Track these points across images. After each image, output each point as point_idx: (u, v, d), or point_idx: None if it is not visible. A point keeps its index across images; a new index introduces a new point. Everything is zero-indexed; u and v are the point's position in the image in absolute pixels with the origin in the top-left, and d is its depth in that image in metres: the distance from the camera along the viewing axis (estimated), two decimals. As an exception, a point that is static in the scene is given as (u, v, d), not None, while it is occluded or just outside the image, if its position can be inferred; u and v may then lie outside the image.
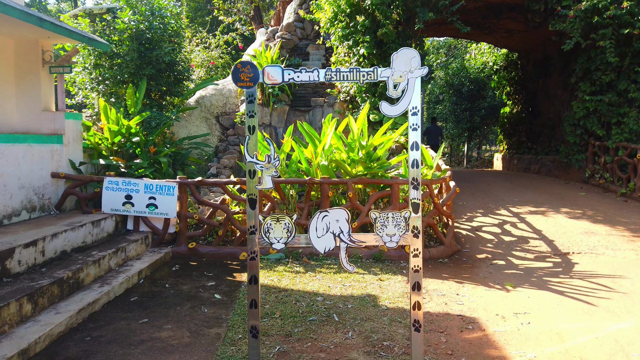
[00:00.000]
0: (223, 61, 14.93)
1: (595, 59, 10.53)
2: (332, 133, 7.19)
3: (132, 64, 8.87)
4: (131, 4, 9.15)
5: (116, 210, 6.36)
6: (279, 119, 11.73)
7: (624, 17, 9.72)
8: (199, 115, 11.18)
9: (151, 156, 7.88)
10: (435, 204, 6.79)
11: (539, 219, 8.18)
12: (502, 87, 18.14)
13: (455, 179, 13.05)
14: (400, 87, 3.50)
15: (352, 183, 6.62)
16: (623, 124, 10.20)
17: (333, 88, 11.84)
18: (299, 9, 13.12)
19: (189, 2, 22.18)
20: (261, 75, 3.42)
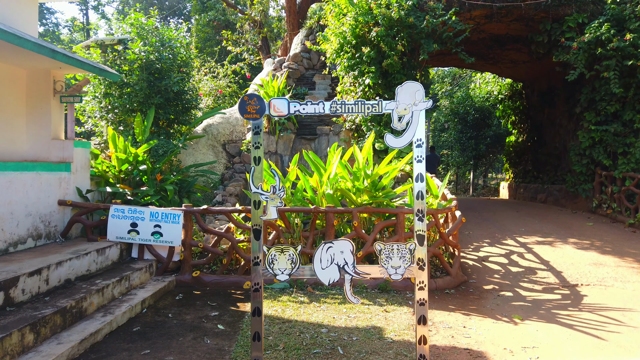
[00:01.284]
0: (230, 90, 15.18)
1: (600, 90, 10.60)
2: (338, 162, 7.23)
3: (142, 93, 9.04)
4: (142, 35, 9.39)
5: (121, 238, 6.37)
6: (285, 146, 11.81)
7: (627, 48, 9.83)
8: (205, 143, 11.29)
9: (158, 184, 7.94)
10: (441, 234, 6.75)
11: (547, 249, 8.09)
12: (507, 116, 18.22)
13: (461, 207, 13.01)
14: (404, 119, 3.54)
15: (357, 212, 6.61)
16: (629, 154, 10.17)
17: (339, 117, 11.96)
18: (305, 40, 13.38)
19: (198, 32, 22.72)
20: (267, 108, 3.47)
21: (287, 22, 16.18)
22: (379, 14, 9.98)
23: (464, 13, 11.11)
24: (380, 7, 10.04)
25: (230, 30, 19.90)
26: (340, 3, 10.75)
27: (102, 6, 33.28)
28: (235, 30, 20.52)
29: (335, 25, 10.94)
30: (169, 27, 10.62)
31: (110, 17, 33.00)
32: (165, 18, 31.00)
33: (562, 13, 11.04)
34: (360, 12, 10.29)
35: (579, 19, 10.74)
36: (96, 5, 32.95)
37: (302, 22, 15.29)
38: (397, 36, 10.10)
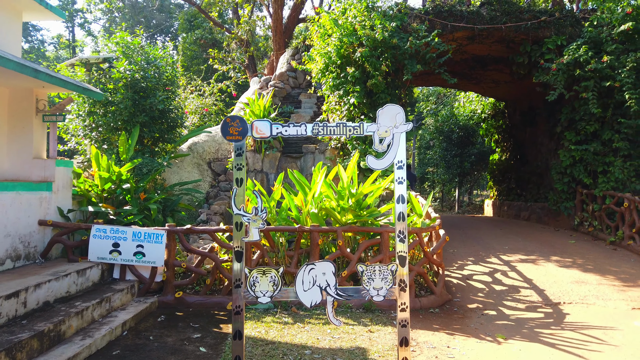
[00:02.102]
0: (217, 108, 15.20)
1: (579, 110, 10.85)
2: (322, 181, 7.25)
3: (126, 111, 9.01)
4: (127, 54, 9.40)
5: (103, 258, 6.28)
6: (271, 164, 11.82)
7: (604, 70, 10.11)
8: (190, 161, 11.26)
9: (141, 203, 7.86)
10: (426, 253, 6.78)
11: (530, 267, 8.17)
12: (491, 135, 18.51)
13: (446, 225, 13.09)
14: (385, 141, 3.59)
15: (341, 231, 6.61)
16: (609, 173, 10.38)
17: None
18: (291, 60, 13.51)
19: (185, 50, 22.80)
20: (250, 129, 3.49)
21: (273, 42, 16.34)
22: (363, 35, 10.14)
23: (446, 34, 11.36)
24: (365, 28, 10.21)
25: (217, 49, 20.01)
26: (326, 24, 10.91)
27: (89, 24, 33.26)
28: (222, 48, 20.64)
29: (321, 45, 11.08)
30: (155, 46, 10.67)
31: (97, 34, 32.99)
32: (152, 36, 31.08)
33: (541, 35, 11.35)
34: (345, 33, 10.45)
35: (557, 41, 11.04)
36: (82, 23, 32.92)
37: (288, 41, 15.46)
38: (381, 57, 10.25)
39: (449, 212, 24.48)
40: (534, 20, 11.22)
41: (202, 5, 18.69)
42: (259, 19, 19.09)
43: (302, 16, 18.15)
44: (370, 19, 10.42)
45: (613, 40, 10.43)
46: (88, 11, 26.49)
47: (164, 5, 30.64)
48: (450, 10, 11.39)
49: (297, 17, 17.72)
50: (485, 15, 11.39)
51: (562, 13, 11.47)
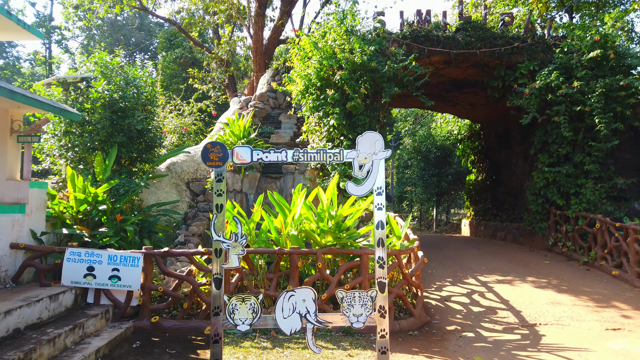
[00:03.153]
0: (196, 128, 15.14)
1: (552, 133, 11.18)
2: (302, 203, 7.26)
3: (104, 131, 8.91)
4: (106, 74, 9.33)
5: (77, 282, 6.13)
6: (250, 185, 11.79)
7: (575, 95, 10.48)
8: (169, 181, 11.14)
9: (117, 224, 7.73)
10: (404, 275, 6.82)
11: (506, 288, 8.28)
12: (467, 156, 18.87)
13: (424, 245, 13.20)
14: (365, 168, 3.65)
15: (321, 253, 6.61)
16: (581, 195, 10.67)
17: (304, 156, 12.07)
18: (271, 81, 13.61)
19: (164, 69, 22.73)
20: (230, 155, 3.51)
21: (253, 63, 16.45)
22: (342, 59, 10.30)
23: (423, 58, 11.63)
24: (344, 52, 10.38)
25: (197, 68, 20.03)
26: (306, 47, 11.05)
27: (67, 40, 32.93)
28: (202, 67, 20.67)
29: (301, 67, 11.20)
30: (135, 66, 10.61)
31: (74, 51, 32.67)
32: (132, 54, 30.94)
33: (514, 60, 11.73)
34: (324, 56, 10.60)
35: (530, 66, 11.42)
36: (60, 40, 32.58)
37: (269, 62, 15.58)
38: (360, 79, 10.42)
39: (427, 231, 24.70)
40: (507, 46, 11.59)
41: (183, 25, 18.75)
42: (239, 40, 19.23)
43: (282, 37, 18.36)
44: (349, 42, 10.61)
45: (583, 67, 10.84)
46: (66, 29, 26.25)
47: (143, 24, 30.59)
48: (427, 35, 11.69)
49: (277, 39, 17.90)
50: (460, 40, 11.72)
51: (534, 39, 11.89)
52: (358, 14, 11.46)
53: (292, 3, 17.55)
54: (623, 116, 10.44)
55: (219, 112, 15.84)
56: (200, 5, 17.25)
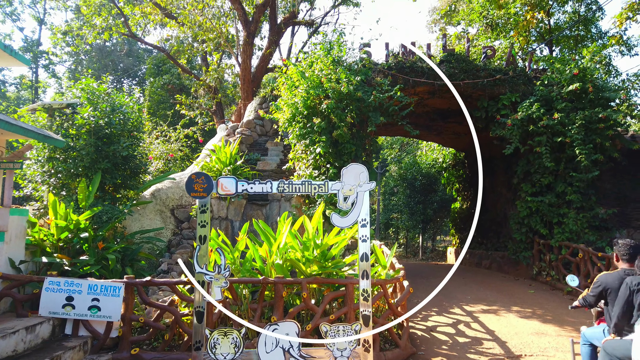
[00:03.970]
0: (182, 154, 15.11)
1: (534, 163, 11.38)
2: (288, 231, 7.22)
3: (88, 158, 8.84)
4: (92, 101, 9.32)
5: (55, 313, 5.96)
6: (236, 212, 11.72)
7: (556, 126, 10.74)
8: (153, 208, 11.03)
9: (99, 252, 7.60)
10: (390, 305, 6.76)
11: (492, 318, 8.26)
12: (452, 184, 19.06)
13: (410, 274, 13.16)
14: (350, 199, 3.66)
15: (306, 283, 6.54)
16: (563, 224, 10.81)
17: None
18: (259, 108, 13.72)
19: (152, 95, 22.79)
20: (215, 186, 3.50)
21: (241, 90, 16.60)
22: (329, 88, 10.45)
23: (408, 89, 11.86)
24: (331, 81, 10.55)
25: (184, 94, 20.11)
26: (293, 76, 11.21)
27: (54, 65, 32.91)
28: (189, 94, 20.76)
29: (288, 96, 11.33)
30: (122, 92, 10.64)
31: (62, 75, 32.62)
32: (120, 79, 31.00)
33: (497, 92, 12.01)
34: (311, 85, 10.76)
35: (512, 98, 11.71)
36: (47, 64, 32.55)
37: (256, 90, 15.74)
38: (347, 109, 10.56)
39: (413, 259, 24.67)
40: (490, 78, 11.89)
41: (171, 52, 18.91)
42: (227, 67, 19.44)
43: (270, 66, 18.60)
44: (336, 72, 10.79)
45: (563, 99, 11.14)
46: (54, 54, 26.27)
47: (132, 50, 30.78)
48: (411, 67, 11.95)
49: (265, 67, 18.13)
50: (444, 72, 11.99)
51: (516, 72, 12.22)
52: (345, 45, 11.71)
53: (280, 33, 17.86)
54: (602, 147, 10.69)
55: (206, 139, 15.85)
56: (189, 33, 17.47)
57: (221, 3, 17.48)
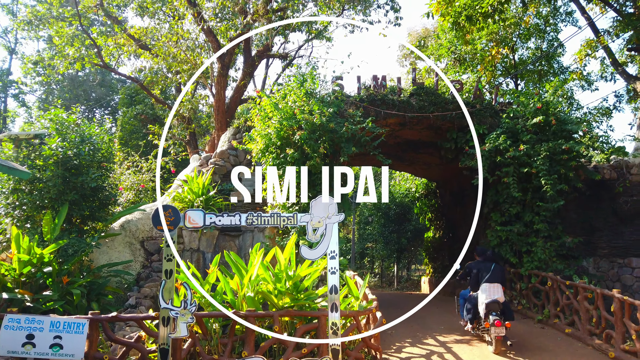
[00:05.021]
0: (154, 184, 14.91)
1: (502, 193, 11.65)
2: (260, 263, 7.15)
3: (55, 189, 8.65)
4: (61, 131, 9.19)
5: (14, 352, 5.69)
6: (208, 243, 11.55)
7: (522, 157, 11.08)
8: (122, 240, 10.76)
9: (63, 287, 7.36)
10: (363, 337, 6.72)
11: (465, 348, 8.26)
12: (424, 213, 19.30)
13: (384, 304, 13.08)
14: (319, 231, 3.68)
15: (278, 316, 6.46)
16: (532, 253, 11.02)
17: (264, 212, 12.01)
18: (232, 139, 13.73)
19: (124, 125, 22.58)
20: (182, 219, 3.48)
21: (215, 121, 16.64)
22: (302, 119, 10.58)
23: (380, 120, 12.10)
24: (304, 113, 10.68)
25: (157, 124, 19.99)
26: (266, 107, 11.31)
27: (24, 94, 32.37)
28: (163, 124, 20.65)
29: (261, 127, 11.39)
30: (94, 122, 10.54)
31: (32, 105, 32.05)
32: (91, 109, 30.63)
33: (465, 124, 12.36)
34: (285, 116, 10.87)
35: (479, 130, 12.06)
36: (17, 94, 32.00)
37: (230, 121, 15.79)
38: (320, 139, 10.68)
39: (388, 288, 24.63)
40: (458, 111, 12.26)
41: (145, 82, 18.89)
42: (201, 98, 19.50)
43: (244, 97, 18.75)
44: (309, 104, 10.95)
45: (528, 131, 11.53)
46: (24, 83, 25.89)
47: (105, 80, 30.57)
48: (382, 99, 12.24)
49: (239, 98, 18.27)
50: (414, 104, 12.32)
51: (483, 105, 12.64)
52: (317, 78, 11.94)
53: (254, 65, 18.11)
54: (567, 178, 11.05)
55: (179, 169, 15.71)
56: (163, 64, 17.53)
57: (196, 35, 17.68)
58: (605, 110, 20.92)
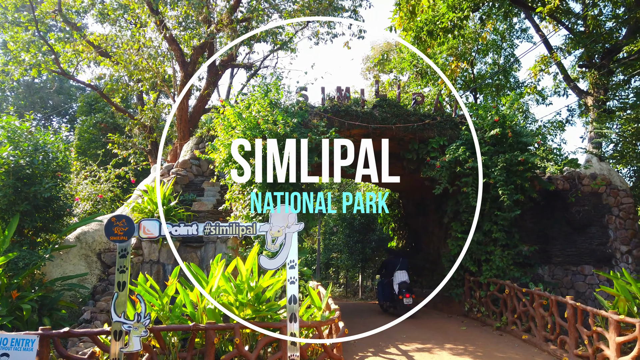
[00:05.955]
0: (112, 195, 14.48)
1: (462, 202, 11.94)
2: (221, 274, 7.04)
3: (5, 199, 8.27)
4: (13, 139, 8.82)
5: (-45, 372, 5.37)
6: (169, 255, 11.28)
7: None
8: (78, 252, 10.38)
9: (13, 302, 7.02)
10: (325, 348, 6.69)
11: (426, 356, 8.36)
12: (388, 223, 19.54)
13: (348, 314, 13.10)
14: (278, 241, 3.67)
15: (239, 328, 6.36)
16: (491, 261, 11.31)
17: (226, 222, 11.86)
18: (195, 149, 13.55)
19: (83, 133, 21.92)
20: (137, 229, 3.39)
21: (178, 130, 16.38)
22: (266, 129, 10.55)
23: (344, 131, 12.21)
24: (268, 122, 10.66)
25: (118, 133, 19.49)
26: (230, 117, 11.23)
27: (-26, 101, 30.91)
28: (123, 133, 20.16)
29: (225, 136, 11.30)
30: (50, 130, 10.17)
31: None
32: (48, 117, 29.57)
33: (426, 135, 12.64)
34: (248, 126, 10.81)
35: (440, 141, 12.35)
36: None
37: (193, 130, 15.58)
38: (282, 150, 10.66)
39: (353, 298, 24.64)
40: (420, 123, 12.53)
41: (105, 90, 18.41)
42: (163, 107, 19.16)
43: (208, 106, 18.56)
44: (273, 114, 10.94)
45: (486, 143, 11.88)
46: (-26, 89, 24.76)
47: (63, 87, 29.60)
48: (346, 110, 12.37)
49: (203, 107, 18.06)
50: (377, 116, 12.51)
51: (443, 117, 12.96)
52: (282, 88, 11.96)
53: (217, 75, 17.98)
54: (523, 188, 11.43)
55: (139, 179, 15.33)
56: (124, 72, 17.15)
57: (158, 44, 17.41)
58: (559, 123, 21.86)
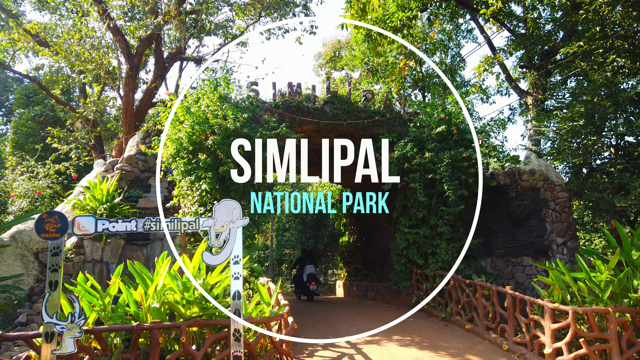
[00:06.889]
0: (52, 192, 13.76)
1: (410, 198, 12.25)
2: (166, 272, 6.86)
3: None
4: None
5: None
6: (113, 254, 10.89)
7: (427, 164, 11.73)
8: (12, 252, 9.81)
9: (-63, 306, 6.53)
10: (274, 343, 6.68)
11: (374, 348, 8.52)
12: (339, 219, 19.72)
13: (298, 309, 13.16)
14: (222, 236, 3.61)
15: (185, 326, 6.22)
16: (437, 254, 11.67)
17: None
18: (141, 143, 13.11)
19: (20, 127, 20.72)
20: (71, 226, 3.25)
21: (123, 124, 15.78)
22: (215, 124, 10.37)
23: (295, 127, 12.20)
24: (217, 117, 10.49)
25: (58, 127, 18.52)
26: (178, 111, 10.95)
27: None
28: (64, 127, 19.19)
29: (172, 131, 11.01)
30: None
31: None
32: (-19, 110, 27.72)
33: (376, 132, 12.85)
34: (197, 120, 10.60)
35: (389, 138, 12.58)
36: None
37: (140, 124, 15.06)
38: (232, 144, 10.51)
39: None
40: (370, 119, 12.72)
41: (43, 81, 17.45)
42: (108, 100, 18.37)
43: (156, 100, 17.99)
44: (222, 109, 10.77)
45: (432, 140, 12.24)
46: None
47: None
48: (298, 106, 12.37)
49: (150, 101, 17.48)
50: (329, 112, 12.59)
51: (392, 114, 13.23)
52: (232, 82, 11.78)
53: (165, 68, 17.46)
54: (467, 183, 11.86)
55: (81, 175, 14.63)
56: (65, 63, 16.31)
57: (102, 34, 16.67)
58: (501, 122, 22.82)
